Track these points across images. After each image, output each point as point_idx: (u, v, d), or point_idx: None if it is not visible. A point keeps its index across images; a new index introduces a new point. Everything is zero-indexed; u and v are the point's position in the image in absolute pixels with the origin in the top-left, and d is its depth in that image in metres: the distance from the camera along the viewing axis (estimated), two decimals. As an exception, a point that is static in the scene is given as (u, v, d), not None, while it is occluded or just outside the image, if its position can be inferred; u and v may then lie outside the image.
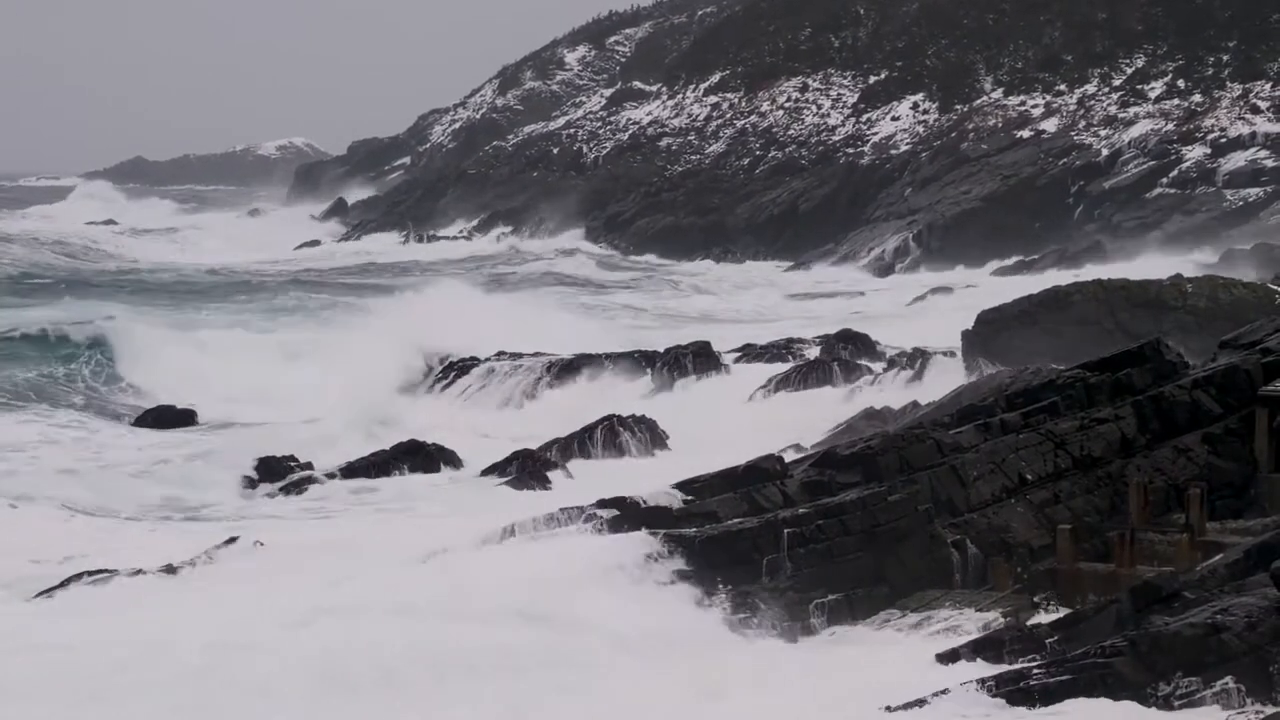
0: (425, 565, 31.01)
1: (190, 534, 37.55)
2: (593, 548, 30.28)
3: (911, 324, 72.15)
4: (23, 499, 40.15)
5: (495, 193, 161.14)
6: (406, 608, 28.01)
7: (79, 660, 25.51)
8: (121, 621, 27.98)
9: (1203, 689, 23.11)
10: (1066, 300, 54.17)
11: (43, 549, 35.64)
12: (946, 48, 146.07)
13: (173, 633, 26.79)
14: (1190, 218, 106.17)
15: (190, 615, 28.08)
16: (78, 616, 28.67)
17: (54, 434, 50.97)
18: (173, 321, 70.47)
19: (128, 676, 24.89)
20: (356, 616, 27.61)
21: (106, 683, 24.63)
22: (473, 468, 45.75)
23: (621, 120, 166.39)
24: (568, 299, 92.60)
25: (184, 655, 25.71)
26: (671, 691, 25.04)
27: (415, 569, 30.94)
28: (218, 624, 27.29)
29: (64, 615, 28.97)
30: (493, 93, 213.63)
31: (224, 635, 26.58)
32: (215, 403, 56.60)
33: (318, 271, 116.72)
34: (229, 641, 26.31)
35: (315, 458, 46.23)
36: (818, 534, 29.83)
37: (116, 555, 34.83)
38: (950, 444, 33.02)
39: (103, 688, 24.42)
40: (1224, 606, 24.15)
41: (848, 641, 28.14)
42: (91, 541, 36.70)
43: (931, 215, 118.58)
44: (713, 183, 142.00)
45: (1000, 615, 27.45)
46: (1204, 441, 33.68)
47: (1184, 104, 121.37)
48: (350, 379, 56.80)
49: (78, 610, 29.35)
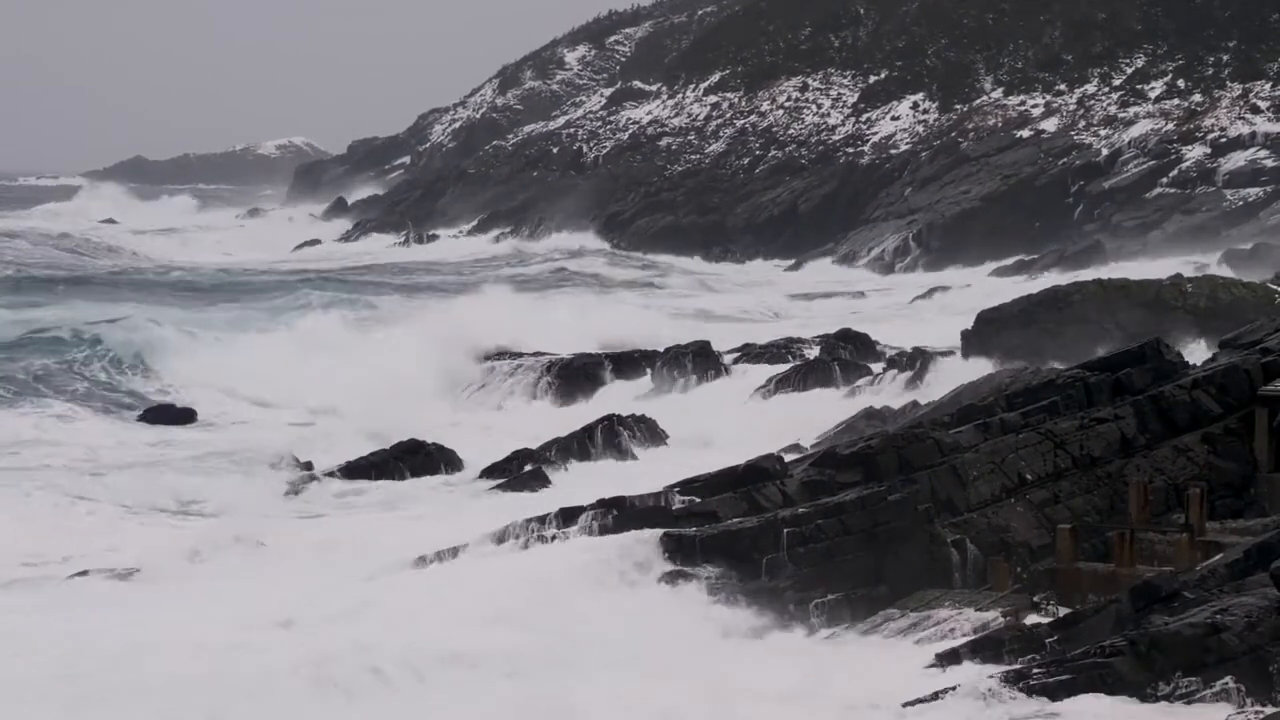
0: (422, 566, 31.06)
1: (184, 529, 37.69)
2: (591, 549, 30.30)
3: (911, 324, 72.17)
4: (27, 490, 40.37)
5: (495, 192, 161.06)
6: (400, 610, 28.08)
7: (74, 659, 25.56)
8: (116, 619, 28.06)
9: (1202, 689, 23.12)
10: (1066, 300, 54.19)
11: (43, 544, 35.74)
12: (946, 47, 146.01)
13: (167, 632, 26.87)
14: (1190, 217, 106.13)
15: (187, 613, 28.17)
16: (73, 614, 28.72)
17: (56, 429, 51.10)
18: (185, 319, 70.41)
19: (122, 676, 24.92)
20: (348, 618, 27.73)
21: (101, 681, 24.65)
22: (473, 468, 45.72)
23: (621, 120, 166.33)
24: (608, 296, 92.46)
25: (177, 654, 25.78)
26: (672, 693, 25.05)
27: (411, 570, 31.02)
28: (215, 622, 27.39)
29: (61, 612, 29.02)
30: (493, 92, 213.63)
31: (218, 635, 26.68)
32: (221, 400, 56.64)
33: (332, 270, 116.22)
34: (222, 641, 26.42)
35: (316, 457, 46.25)
36: (817, 534, 29.84)
37: (122, 552, 34.95)
38: (950, 444, 33.02)
39: (98, 688, 24.44)
40: (1224, 606, 24.16)
41: (847, 641, 28.14)
42: (92, 536, 36.77)
43: (931, 215, 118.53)
44: (712, 182, 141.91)
45: (1000, 615, 27.44)
46: (1204, 441, 33.70)
47: (1184, 104, 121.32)
48: (386, 376, 56.73)
49: (74, 607, 29.42)
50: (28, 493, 40.36)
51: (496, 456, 45.60)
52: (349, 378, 57.41)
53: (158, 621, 27.66)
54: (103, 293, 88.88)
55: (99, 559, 34.12)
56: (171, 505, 41.31)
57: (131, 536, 36.81)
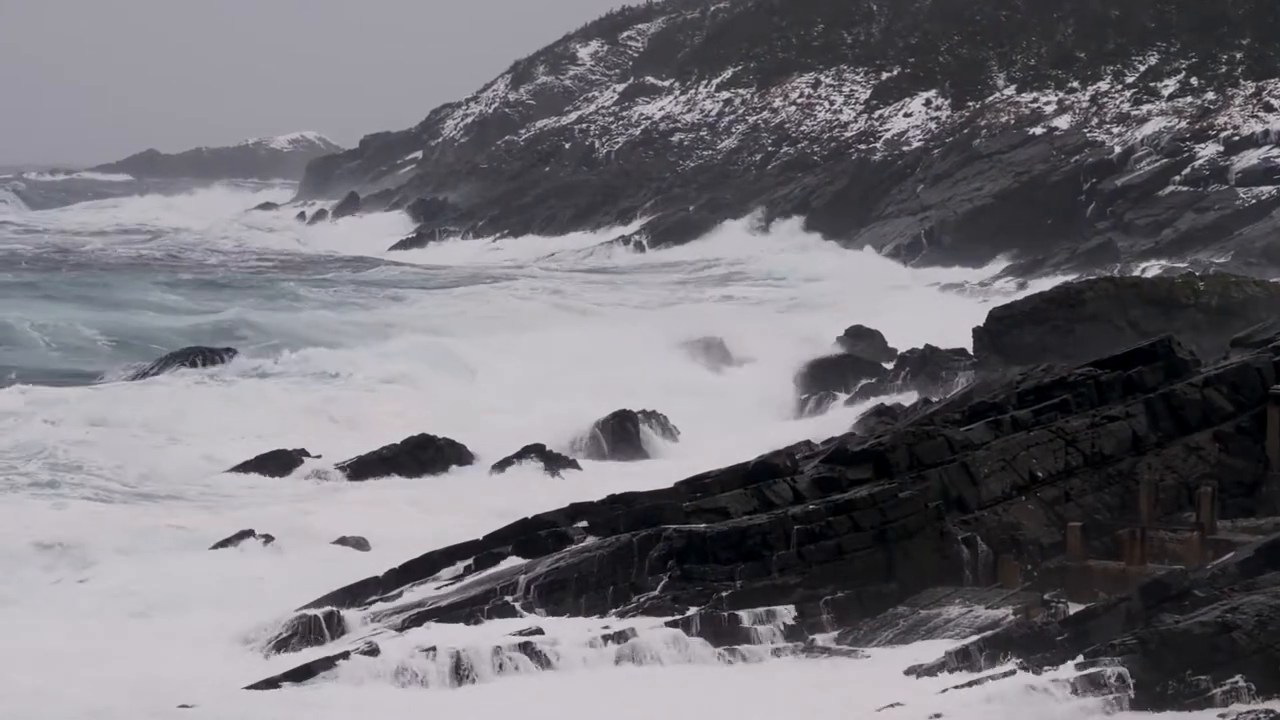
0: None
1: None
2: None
3: (922, 321, 72.02)
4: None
5: (507, 187, 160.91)
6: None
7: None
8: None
9: (1213, 687, 23.10)
10: (1078, 297, 54.06)
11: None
12: (959, 44, 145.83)
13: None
14: (1203, 216, 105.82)
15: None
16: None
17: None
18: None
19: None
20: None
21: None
22: (484, 462, 45.69)
23: (634, 115, 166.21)
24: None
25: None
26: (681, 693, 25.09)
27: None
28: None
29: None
30: (505, 87, 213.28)
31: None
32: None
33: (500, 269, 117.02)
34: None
35: (325, 450, 46.28)
36: (828, 530, 29.82)
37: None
38: (961, 441, 32.99)
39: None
40: (1234, 605, 24.15)
41: (857, 639, 28.11)
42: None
43: (943, 212, 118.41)
44: (725, 178, 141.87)
45: (1010, 613, 27.41)
46: (1215, 439, 33.68)
47: (1197, 102, 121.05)
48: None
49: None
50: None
51: (507, 451, 45.56)
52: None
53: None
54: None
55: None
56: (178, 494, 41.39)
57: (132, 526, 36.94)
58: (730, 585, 28.82)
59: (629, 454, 47.57)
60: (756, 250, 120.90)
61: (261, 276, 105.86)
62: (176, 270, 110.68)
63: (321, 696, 24.74)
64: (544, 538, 30.87)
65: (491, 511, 36.75)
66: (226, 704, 24.39)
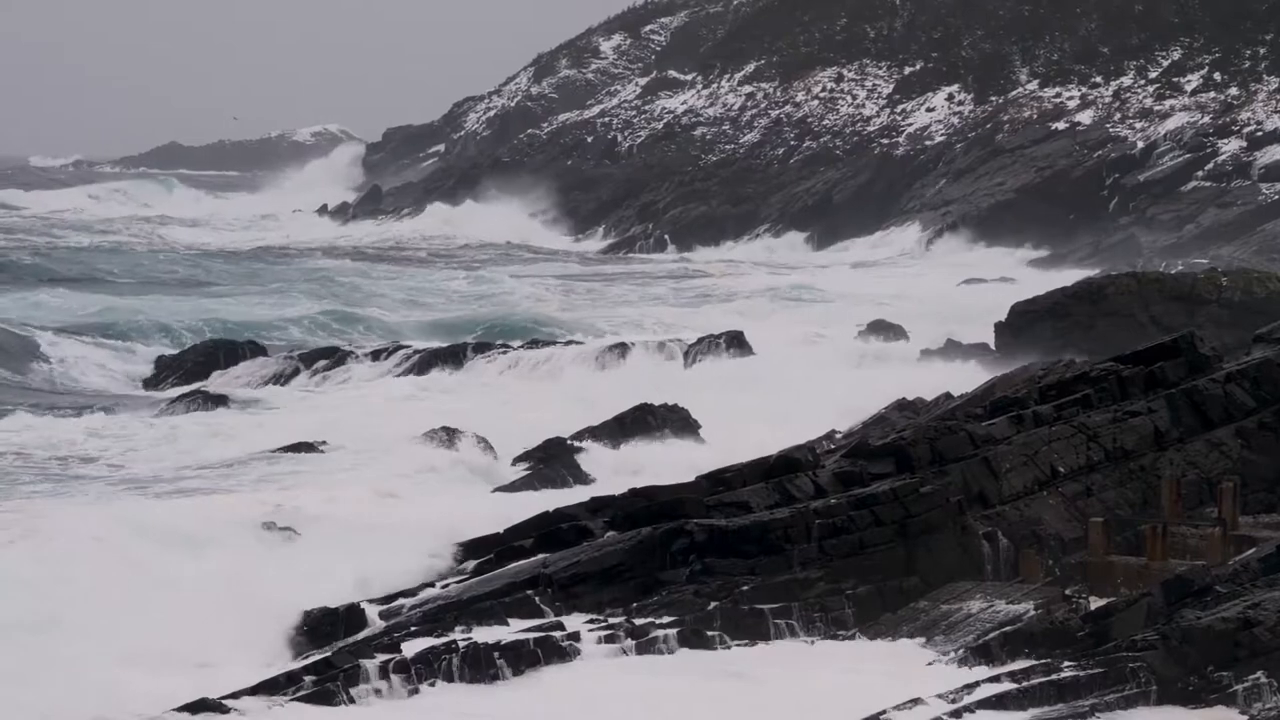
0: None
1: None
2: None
3: (944, 315, 71.88)
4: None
5: (529, 180, 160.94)
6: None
7: None
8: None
9: (1234, 683, 23.08)
10: (1100, 293, 53.94)
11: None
12: (982, 39, 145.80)
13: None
14: (1225, 211, 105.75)
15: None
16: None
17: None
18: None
19: None
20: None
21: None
22: (504, 455, 45.58)
23: (656, 109, 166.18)
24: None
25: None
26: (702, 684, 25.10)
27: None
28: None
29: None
30: (527, 80, 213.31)
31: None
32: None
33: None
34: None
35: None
36: (849, 525, 29.79)
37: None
38: (982, 436, 32.95)
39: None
40: (1256, 601, 24.14)
41: (878, 633, 28.11)
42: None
43: (966, 206, 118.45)
44: (747, 172, 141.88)
45: (1031, 608, 27.38)
46: (1237, 435, 33.62)
47: (1220, 97, 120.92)
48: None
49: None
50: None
51: (528, 444, 45.43)
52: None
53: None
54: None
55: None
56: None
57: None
58: (751, 579, 28.79)
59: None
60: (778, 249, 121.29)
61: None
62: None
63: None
64: (565, 531, 30.90)
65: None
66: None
